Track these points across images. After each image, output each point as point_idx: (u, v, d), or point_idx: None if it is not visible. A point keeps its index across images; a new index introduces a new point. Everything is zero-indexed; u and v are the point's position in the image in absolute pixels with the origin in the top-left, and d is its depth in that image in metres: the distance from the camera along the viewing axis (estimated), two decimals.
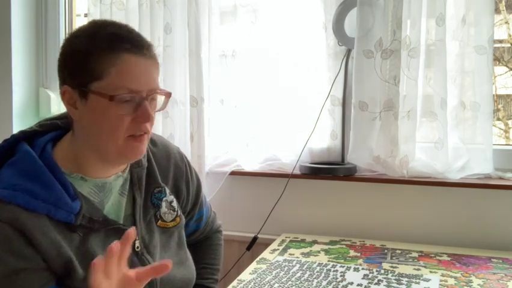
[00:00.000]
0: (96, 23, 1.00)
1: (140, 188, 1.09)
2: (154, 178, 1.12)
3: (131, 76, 0.94)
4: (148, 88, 0.96)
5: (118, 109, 0.93)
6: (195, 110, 1.92)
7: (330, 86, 1.85)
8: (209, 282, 1.30)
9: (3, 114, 2.21)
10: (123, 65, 0.93)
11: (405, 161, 1.73)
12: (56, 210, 0.94)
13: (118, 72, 0.93)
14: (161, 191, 1.13)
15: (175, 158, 1.19)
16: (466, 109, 1.72)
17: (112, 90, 0.92)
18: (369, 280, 1.34)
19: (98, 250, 0.99)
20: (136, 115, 0.95)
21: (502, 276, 1.38)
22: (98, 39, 0.94)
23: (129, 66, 0.93)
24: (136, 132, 0.97)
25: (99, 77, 0.93)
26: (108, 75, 0.92)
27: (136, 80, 0.94)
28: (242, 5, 1.92)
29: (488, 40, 1.65)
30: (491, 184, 1.66)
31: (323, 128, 1.88)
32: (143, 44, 0.97)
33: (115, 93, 0.92)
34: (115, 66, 0.92)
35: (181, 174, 1.19)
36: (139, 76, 0.94)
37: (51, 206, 0.94)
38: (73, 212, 0.96)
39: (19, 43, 2.23)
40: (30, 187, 0.94)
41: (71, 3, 2.32)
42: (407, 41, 1.70)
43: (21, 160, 0.98)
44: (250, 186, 1.93)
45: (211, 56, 1.95)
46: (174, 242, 1.15)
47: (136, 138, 0.97)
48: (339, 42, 1.83)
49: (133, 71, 0.94)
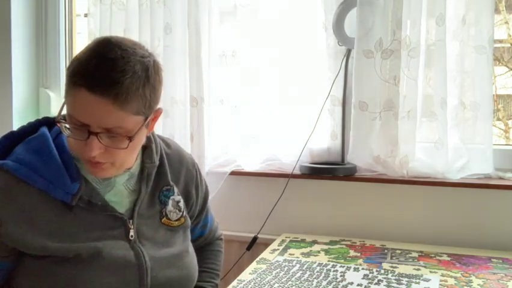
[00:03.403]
0: (98, 42, 1.01)
1: (147, 183, 1.14)
2: (165, 176, 1.18)
3: (78, 109, 0.97)
4: (99, 125, 0.97)
5: (71, 132, 1.00)
6: (195, 110, 1.92)
7: (330, 86, 1.85)
8: (210, 285, 1.34)
9: (4, 114, 2.21)
10: (76, 97, 0.97)
11: (405, 161, 1.73)
12: (54, 188, 1.02)
13: (69, 102, 0.99)
14: (170, 190, 1.18)
15: (187, 163, 1.26)
16: (466, 109, 1.72)
17: (67, 115, 1.00)
18: (369, 280, 1.34)
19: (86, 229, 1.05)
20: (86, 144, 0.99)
21: (502, 276, 1.38)
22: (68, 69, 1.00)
23: (80, 99, 0.96)
24: (90, 160, 1.01)
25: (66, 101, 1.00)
26: (67, 101, 0.99)
27: (83, 114, 0.97)
28: (242, 5, 1.92)
29: (488, 40, 1.65)
30: (491, 184, 1.66)
31: (323, 128, 1.88)
32: (104, 83, 0.95)
33: (66, 118, 1.00)
34: (70, 97, 0.98)
35: (192, 179, 1.26)
36: (86, 110, 0.97)
37: (50, 183, 1.02)
38: (70, 192, 1.03)
39: (19, 43, 2.23)
40: (34, 163, 1.02)
41: (71, 3, 2.32)
42: (407, 41, 1.70)
43: (35, 139, 1.07)
44: (250, 186, 1.93)
45: (211, 56, 1.95)
46: (179, 240, 1.18)
47: (93, 164, 1.03)
48: (339, 42, 1.83)
49: (81, 104, 0.96)
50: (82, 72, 0.96)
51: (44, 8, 2.29)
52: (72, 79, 0.97)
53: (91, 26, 2.09)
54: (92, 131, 0.97)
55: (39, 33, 2.30)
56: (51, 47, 2.29)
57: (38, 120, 1.13)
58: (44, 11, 2.29)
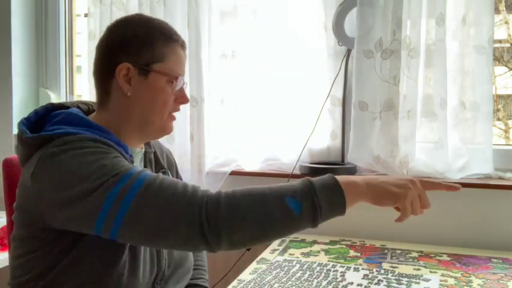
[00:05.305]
0: (139, 15, 1.17)
1: (152, 166, 1.20)
2: (159, 161, 1.23)
3: (181, 64, 1.13)
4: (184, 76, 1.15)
5: (172, 89, 1.10)
6: (195, 110, 1.92)
7: (330, 86, 1.85)
8: (202, 281, 1.35)
9: (4, 114, 2.21)
10: (178, 54, 1.12)
11: (405, 161, 1.73)
12: (119, 148, 1.03)
13: (176, 59, 1.11)
14: (165, 172, 1.22)
15: (166, 151, 1.33)
16: (466, 109, 1.72)
17: (172, 72, 1.10)
18: (369, 280, 1.34)
19: None
20: (179, 96, 1.13)
21: (502, 276, 1.38)
22: (157, 29, 1.10)
23: (181, 56, 1.13)
24: (174, 111, 1.15)
25: (161, 59, 1.08)
26: (168, 60, 1.09)
27: (183, 68, 1.14)
28: (242, 5, 1.92)
29: (488, 40, 1.65)
30: (491, 184, 1.66)
31: (323, 128, 1.88)
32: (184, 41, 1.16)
33: (175, 75, 1.10)
34: (174, 54, 1.11)
35: (172, 165, 1.33)
36: (184, 65, 1.15)
37: (115, 143, 1.03)
38: (128, 153, 1.06)
39: (19, 43, 2.23)
40: (92, 131, 1.03)
41: (71, 3, 2.32)
42: (407, 41, 1.70)
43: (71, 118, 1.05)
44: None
45: (211, 56, 1.95)
46: None
47: (173, 117, 1.15)
48: (339, 42, 1.83)
49: (182, 60, 1.14)
50: (171, 31, 1.12)
51: (44, 8, 2.29)
52: (172, 38, 1.11)
53: (91, 26, 2.09)
54: (185, 81, 1.15)
55: (39, 33, 2.30)
56: (51, 47, 2.30)
57: (43, 106, 1.11)
58: (44, 11, 2.29)
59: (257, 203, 0.91)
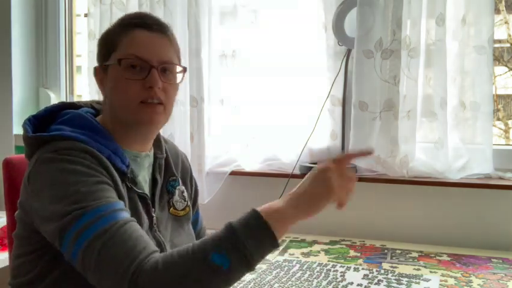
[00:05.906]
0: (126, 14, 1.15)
1: (160, 173, 1.17)
2: (170, 167, 1.20)
3: (138, 45, 1.04)
4: (158, 59, 1.04)
5: (125, 73, 1.03)
6: (195, 110, 1.92)
7: (330, 86, 1.85)
8: None
9: (4, 114, 2.21)
10: (133, 36, 1.04)
11: (405, 161, 1.73)
12: (114, 157, 1.02)
13: (127, 42, 1.04)
14: (176, 180, 1.20)
15: (182, 156, 1.29)
16: (466, 109, 1.72)
17: (123, 56, 1.03)
18: (369, 280, 1.34)
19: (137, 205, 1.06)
20: (145, 81, 1.03)
21: (502, 276, 1.38)
22: (117, 22, 1.08)
23: (138, 37, 1.04)
24: (146, 99, 1.03)
25: (114, 49, 1.05)
26: (120, 45, 1.04)
27: (144, 49, 1.04)
28: (242, 5, 1.92)
29: (488, 40, 1.65)
30: (491, 184, 1.66)
31: (323, 128, 1.88)
32: (156, 22, 1.08)
33: (122, 57, 1.03)
34: (126, 37, 1.04)
35: (187, 171, 1.28)
36: (146, 46, 1.04)
37: (111, 152, 1.02)
38: (125, 163, 1.04)
39: (19, 43, 2.23)
40: (92, 135, 1.03)
41: (71, 3, 2.32)
42: (407, 41, 1.70)
43: (75, 119, 1.06)
44: (250, 186, 1.92)
45: (211, 56, 1.95)
46: (183, 230, 1.19)
47: (148, 105, 1.04)
48: (339, 42, 1.83)
49: (142, 41, 1.04)
50: (136, 17, 1.08)
51: (44, 8, 2.29)
52: (127, 23, 1.06)
53: (91, 26, 2.09)
54: (153, 65, 1.03)
55: (39, 33, 2.30)
56: (51, 47, 2.30)
57: (54, 105, 1.12)
58: (44, 11, 2.29)
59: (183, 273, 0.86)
